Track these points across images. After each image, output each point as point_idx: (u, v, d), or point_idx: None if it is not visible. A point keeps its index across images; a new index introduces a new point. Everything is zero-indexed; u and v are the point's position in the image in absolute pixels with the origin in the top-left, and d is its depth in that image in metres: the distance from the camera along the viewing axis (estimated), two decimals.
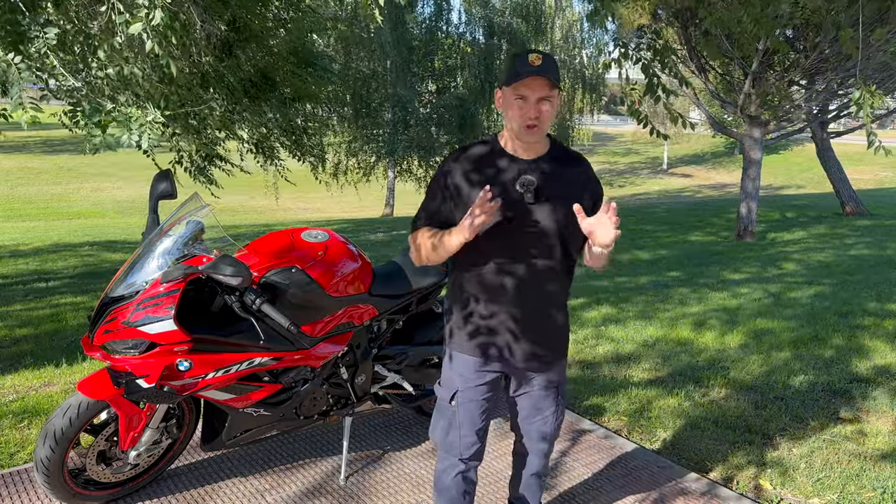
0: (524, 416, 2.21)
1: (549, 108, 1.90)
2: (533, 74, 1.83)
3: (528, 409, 2.19)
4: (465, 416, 2.10)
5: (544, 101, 1.89)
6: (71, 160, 27.66)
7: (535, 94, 1.88)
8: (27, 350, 4.51)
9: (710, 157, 36.49)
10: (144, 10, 3.13)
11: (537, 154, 2.01)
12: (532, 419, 2.20)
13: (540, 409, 2.18)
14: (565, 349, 2.18)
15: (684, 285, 7.30)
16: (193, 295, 2.50)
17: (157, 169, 5.92)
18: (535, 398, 2.17)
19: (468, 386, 2.09)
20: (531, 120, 1.89)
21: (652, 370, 4.44)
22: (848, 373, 4.36)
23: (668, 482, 2.98)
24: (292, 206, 22.85)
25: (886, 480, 3.01)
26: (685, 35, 11.70)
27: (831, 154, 14.84)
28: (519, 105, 1.90)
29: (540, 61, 1.85)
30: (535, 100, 1.88)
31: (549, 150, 2.03)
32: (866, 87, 3.40)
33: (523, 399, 2.18)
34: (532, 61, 1.84)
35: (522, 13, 18.54)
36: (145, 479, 2.75)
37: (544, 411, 2.19)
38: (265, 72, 5.76)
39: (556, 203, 1.98)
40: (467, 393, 2.09)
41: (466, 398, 2.09)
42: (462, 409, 2.10)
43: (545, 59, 1.86)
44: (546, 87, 1.87)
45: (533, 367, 2.10)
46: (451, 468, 2.17)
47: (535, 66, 1.84)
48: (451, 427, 2.13)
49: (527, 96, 1.88)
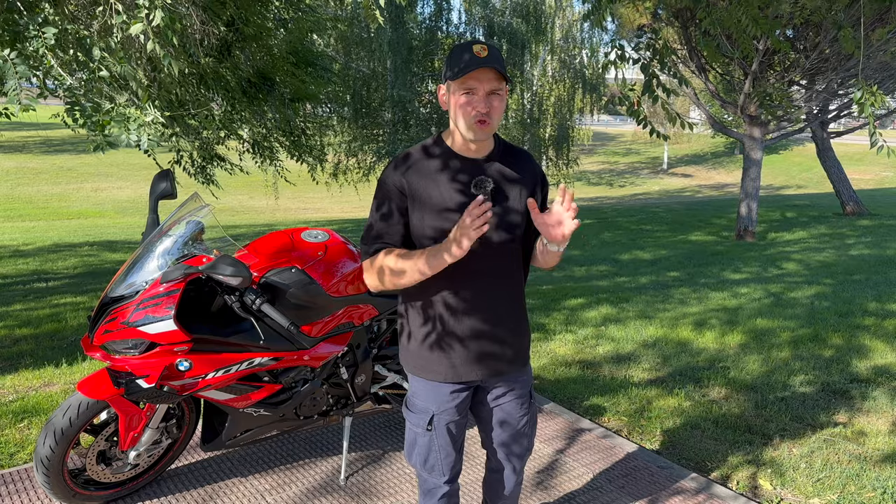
0: (501, 425, 2.07)
1: (500, 103, 1.77)
2: (481, 66, 1.70)
3: (505, 417, 2.06)
4: (444, 438, 1.99)
5: (494, 95, 1.76)
6: (71, 160, 27.66)
7: (484, 86, 1.74)
8: (27, 350, 4.51)
9: (711, 157, 36.50)
10: (144, 10, 3.13)
11: (487, 152, 1.88)
12: (510, 427, 2.07)
13: (517, 415, 2.06)
14: (528, 354, 2.06)
15: (684, 285, 7.30)
16: (193, 295, 2.50)
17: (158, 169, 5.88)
18: (512, 405, 2.04)
19: (443, 408, 1.96)
20: (482, 115, 1.75)
21: (652, 370, 4.44)
22: (848, 373, 4.36)
23: (667, 482, 2.98)
24: (292, 206, 22.86)
25: (886, 480, 3.01)
26: (685, 35, 11.70)
27: (831, 154, 14.85)
28: (467, 100, 1.75)
29: (486, 52, 1.72)
30: (485, 93, 1.74)
31: (495, 147, 1.91)
32: (867, 87, 3.39)
33: (499, 410, 2.05)
34: (478, 52, 1.72)
35: (522, 13, 18.53)
36: (145, 479, 2.75)
37: (521, 417, 2.07)
38: (264, 72, 5.76)
39: (512, 201, 1.88)
40: (443, 416, 1.97)
41: (443, 421, 1.97)
42: (439, 433, 1.98)
43: (491, 49, 1.74)
44: (495, 79, 1.74)
45: (503, 374, 1.99)
46: (437, 489, 2.08)
47: (482, 57, 1.71)
48: (431, 451, 2.01)
49: (475, 89, 1.74)
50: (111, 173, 26.27)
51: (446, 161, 1.86)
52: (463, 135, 1.81)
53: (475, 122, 1.76)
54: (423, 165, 1.86)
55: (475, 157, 1.87)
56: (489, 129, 1.78)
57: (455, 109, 1.79)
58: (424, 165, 1.86)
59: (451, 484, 2.08)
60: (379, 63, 16.89)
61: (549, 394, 3.98)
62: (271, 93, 5.91)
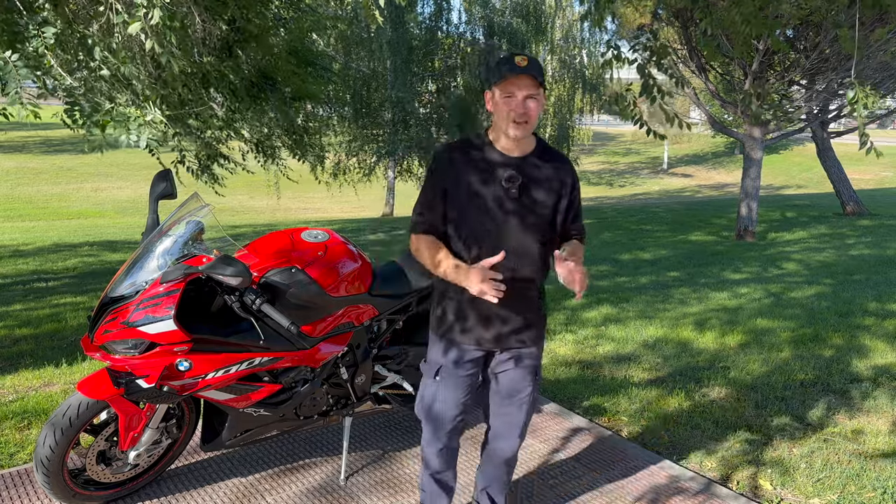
0: (502, 396, 2.29)
1: (536, 106, 2.03)
2: (520, 73, 1.98)
3: (506, 388, 2.27)
4: (449, 389, 2.24)
5: (531, 99, 2.02)
6: (71, 160, 27.66)
7: (522, 91, 2.01)
8: (27, 350, 4.51)
9: (711, 157, 36.49)
10: (143, 9, 3.13)
11: (524, 152, 2.14)
12: (509, 399, 2.28)
13: (517, 389, 2.27)
14: (543, 332, 2.29)
15: (685, 285, 7.30)
16: (193, 295, 2.50)
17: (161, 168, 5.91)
18: (514, 378, 2.25)
19: (452, 361, 2.23)
20: (519, 116, 2.02)
21: (652, 370, 4.44)
22: (848, 373, 4.36)
23: (667, 482, 2.98)
24: (292, 206, 22.85)
25: (886, 480, 3.01)
26: (685, 35, 11.69)
27: (831, 154, 14.83)
28: (507, 102, 2.03)
29: (526, 62, 2.00)
30: (523, 97, 2.02)
31: (535, 148, 2.16)
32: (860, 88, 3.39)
33: (502, 377, 2.27)
34: (518, 62, 1.99)
35: (522, 13, 18.51)
36: (145, 479, 2.74)
37: (521, 392, 2.27)
38: (265, 71, 5.75)
39: (540, 197, 2.12)
40: (450, 368, 2.23)
41: (449, 373, 2.23)
42: (445, 384, 2.24)
43: (531, 60, 2.01)
44: (532, 85, 2.01)
45: (513, 346, 2.22)
46: (438, 439, 2.31)
47: (522, 66, 1.99)
48: (436, 400, 2.26)
49: (514, 93, 2.02)
50: (111, 173, 26.26)
51: (484, 153, 2.14)
52: (504, 133, 2.08)
53: (512, 121, 2.03)
54: (466, 153, 2.15)
55: (512, 155, 2.13)
56: (526, 129, 2.05)
57: (497, 111, 2.07)
58: (467, 153, 2.15)
59: (449, 438, 2.31)
60: (379, 63, 16.88)
61: (549, 394, 3.98)
62: (273, 92, 5.91)
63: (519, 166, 2.11)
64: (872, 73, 11.42)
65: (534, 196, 2.11)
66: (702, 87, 13.89)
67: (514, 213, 2.10)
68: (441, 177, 2.14)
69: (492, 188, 2.10)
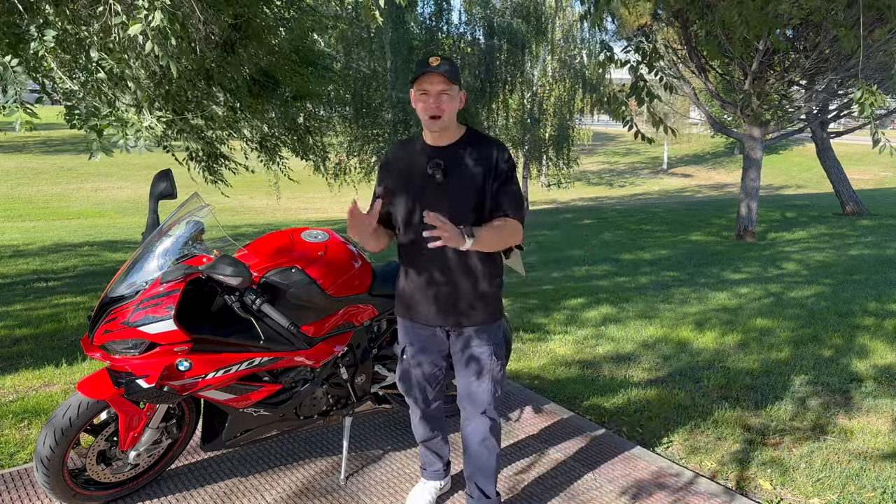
0: (462, 375, 2.44)
1: (449, 101, 2.20)
2: (431, 72, 2.14)
3: (463, 366, 2.42)
4: (417, 370, 2.50)
5: (443, 95, 2.18)
6: (71, 160, 27.66)
7: (434, 87, 2.17)
8: (27, 350, 4.51)
9: (710, 157, 36.49)
10: (144, 11, 3.12)
11: (449, 141, 2.31)
12: (469, 378, 2.42)
13: (476, 369, 2.40)
14: (493, 314, 2.40)
15: (685, 285, 7.30)
16: (193, 295, 2.50)
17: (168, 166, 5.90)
18: (471, 356, 2.40)
19: (412, 341, 2.47)
20: (432, 111, 2.19)
21: (652, 370, 4.44)
22: (848, 373, 4.36)
23: (668, 482, 2.98)
24: (293, 206, 22.85)
25: (886, 480, 3.01)
26: (685, 35, 11.69)
27: (831, 154, 14.84)
28: (422, 99, 2.20)
29: (438, 62, 2.15)
30: (436, 93, 2.18)
31: (461, 137, 2.32)
32: (867, 87, 3.39)
33: (459, 357, 2.43)
34: (431, 62, 2.16)
35: (522, 13, 18.51)
36: (145, 479, 2.75)
37: (480, 371, 2.40)
38: (267, 71, 5.76)
39: (465, 180, 2.27)
40: (412, 348, 2.48)
41: (412, 352, 2.48)
42: (411, 362, 2.50)
43: (443, 59, 2.17)
44: (443, 82, 2.17)
45: (464, 325, 2.37)
46: (416, 410, 2.59)
47: (434, 65, 2.15)
48: (408, 378, 2.54)
49: (428, 90, 2.18)
50: (111, 173, 26.27)
51: (415, 147, 2.37)
52: (425, 127, 2.29)
53: (428, 116, 2.21)
54: (402, 152, 2.40)
55: (437, 145, 2.31)
56: (440, 123, 2.22)
57: (417, 108, 2.25)
58: (402, 152, 2.39)
59: (426, 409, 2.57)
60: (379, 63, 16.87)
61: (549, 394, 3.98)
62: (275, 91, 5.91)
63: (443, 154, 2.28)
64: (872, 73, 11.42)
65: (458, 179, 2.26)
66: (702, 87, 13.88)
67: (441, 196, 2.26)
68: (383, 174, 2.39)
69: (420, 176, 2.29)
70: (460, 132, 2.33)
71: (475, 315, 2.36)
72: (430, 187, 2.28)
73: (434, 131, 2.27)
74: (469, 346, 2.39)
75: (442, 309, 2.36)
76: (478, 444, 2.48)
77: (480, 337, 2.38)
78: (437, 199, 2.26)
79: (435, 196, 2.27)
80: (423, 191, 2.29)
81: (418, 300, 2.39)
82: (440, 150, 2.30)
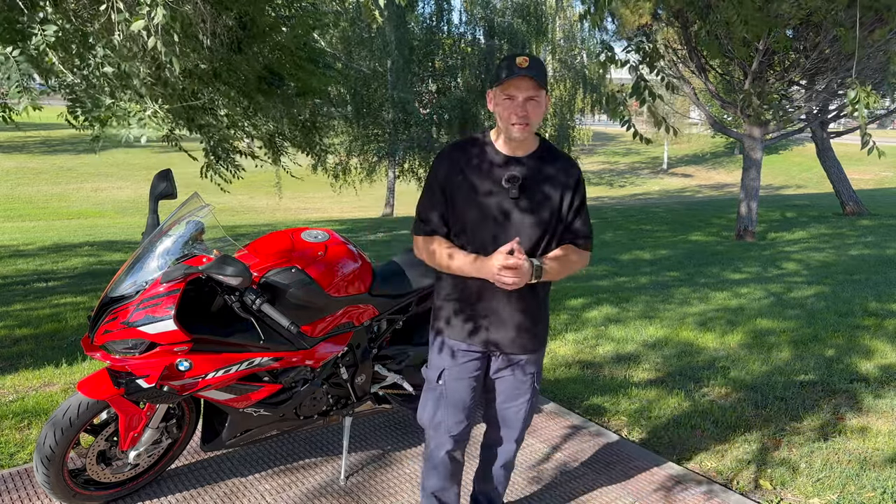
0: (501, 400, 2.27)
1: (536, 107, 2.00)
2: (520, 75, 1.93)
3: (505, 392, 2.26)
4: (452, 393, 2.19)
5: (531, 101, 1.98)
6: (71, 160, 27.65)
7: (522, 93, 1.97)
8: (27, 350, 4.51)
9: (710, 157, 36.49)
10: (146, 7, 3.13)
11: (525, 151, 2.10)
12: (508, 404, 2.27)
13: (517, 394, 2.26)
14: (544, 339, 2.26)
15: (685, 285, 7.30)
16: (193, 295, 2.50)
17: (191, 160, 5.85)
18: (514, 383, 2.24)
19: (455, 364, 2.18)
20: (519, 118, 1.98)
21: (652, 370, 4.44)
22: (848, 373, 4.36)
23: (668, 482, 2.98)
24: (293, 206, 22.84)
25: (886, 480, 3.01)
26: (685, 35, 11.69)
27: (831, 154, 14.83)
28: (507, 104, 1.99)
29: (527, 63, 1.94)
30: (523, 99, 1.97)
31: (537, 148, 2.12)
32: (862, 87, 3.39)
33: (501, 382, 2.25)
34: (520, 63, 1.94)
35: (522, 13, 18.52)
36: (145, 479, 2.75)
37: (520, 397, 2.26)
38: (272, 68, 5.76)
39: (540, 198, 2.07)
40: (453, 371, 2.18)
41: (453, 376, 2.19)
42: (449, 387, 2.19)
43: (532, 61, 1.95)
44: (532, 87, 1.97)
45: (514, 352, 2.19)
46: (441, 447, 2.25)
47: (523, 67, 1.93)
48: (439, 406, 2.21)
49: (514, 96, 1.98)
50: (111, 173, 26.26)
51: (485, 154, 2.10)
52: (505, 134, 2.05)
53: (512, 124, 1.99)
54: (467, 154, 2.11)
55: (514, 155, 2.09)
56: (526, 131, 2.01)
57: (498, 112, 2.03)
58: (468, 154, 2.11)
59: (455, 444, 2.24)
60: (379, 63, 16.88)
61: (549, 394, 3.98)
62: (280, 88, 5.92)
63: (519, 166, 2.07)
64: (872, 74, 11.41)
65: (534, 196, 2.06)
66: (702, 88, 13.88)
67: (514, 213, 2.05)
68: (442, 177, 2.11)
69: (491, 188, 2.06)
70: (535, 143, 2.12)
71: (530, 340, 2.19)
72: (504, 201, 2.05)
73: (517, 140, 2.05)
74: (514, 371, 2.23)
75: (500, 332, 2.14)
76: (499, 467, 2.42)
77: (529, 362, 2.23)
78: (509, 216, 2.05)
79: (507, 212, 2.05)
80: (496, 204, 2.06)
81: (475, 321, 2.15)
82: (517, 160, 2.08)
